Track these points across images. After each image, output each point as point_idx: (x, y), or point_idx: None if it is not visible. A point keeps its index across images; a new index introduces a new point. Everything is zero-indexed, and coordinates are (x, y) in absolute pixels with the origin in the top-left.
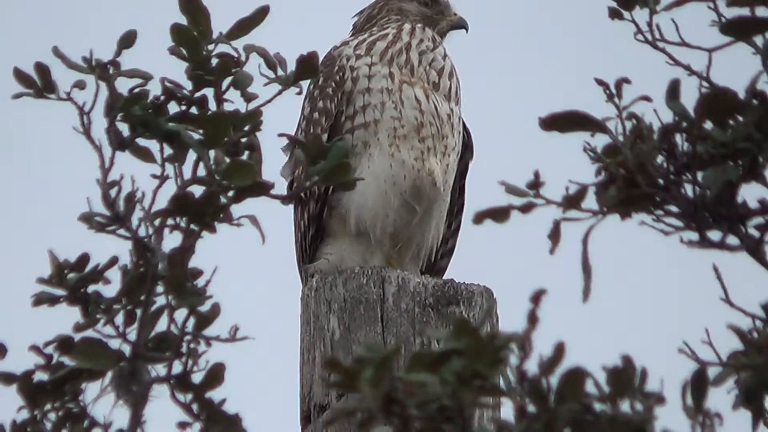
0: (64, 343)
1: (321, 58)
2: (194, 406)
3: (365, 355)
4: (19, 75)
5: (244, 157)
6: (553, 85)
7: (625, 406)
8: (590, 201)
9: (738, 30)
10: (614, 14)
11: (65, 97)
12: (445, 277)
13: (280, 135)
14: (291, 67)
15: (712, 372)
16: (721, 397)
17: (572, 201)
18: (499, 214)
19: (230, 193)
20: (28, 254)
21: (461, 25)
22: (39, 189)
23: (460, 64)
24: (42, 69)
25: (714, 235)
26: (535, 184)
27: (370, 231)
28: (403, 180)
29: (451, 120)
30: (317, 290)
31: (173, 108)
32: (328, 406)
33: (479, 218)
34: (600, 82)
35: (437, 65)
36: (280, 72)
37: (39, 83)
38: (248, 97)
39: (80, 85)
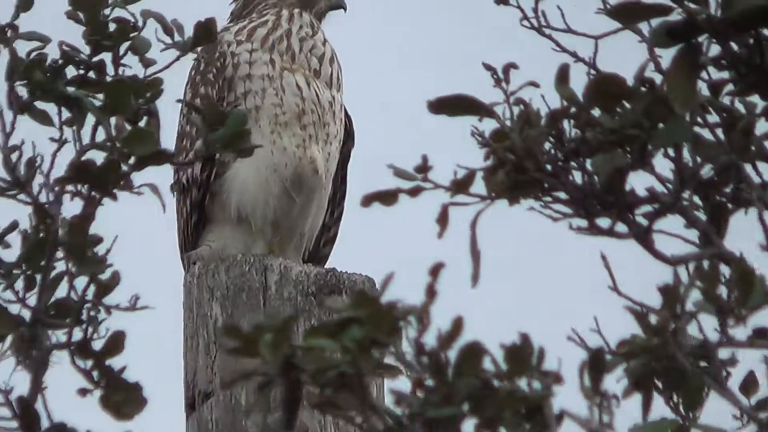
0: None
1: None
2: (94, 374)
3: (264, 321)
4: None
5: (143, 123)
6: (441, 69)
7: (522, 384)
8: (479, 186)
9: (625, 15)
10: (501, 0)
11: None
12: (327, 265)
13: (179, 101)
14: (189, 33)
15: None
16: (617, 378)
17: (460, 185)
18: (387, 197)
19: (131, 161)
20: None
21: (339, 4)
22: None
23: (343, 47)
24: None
25: (603, 222)
26: (423, 167)
27: (251, 218)
28: (284, 167)
29: (333, 107)
30: (199, 277)
31: (71, 72)
32: (212, 393)
33: (367, 201)
34: (488, 67)
35: (318, 52)
36: (177, 38)
37: None
38: (146, 63)
39: None
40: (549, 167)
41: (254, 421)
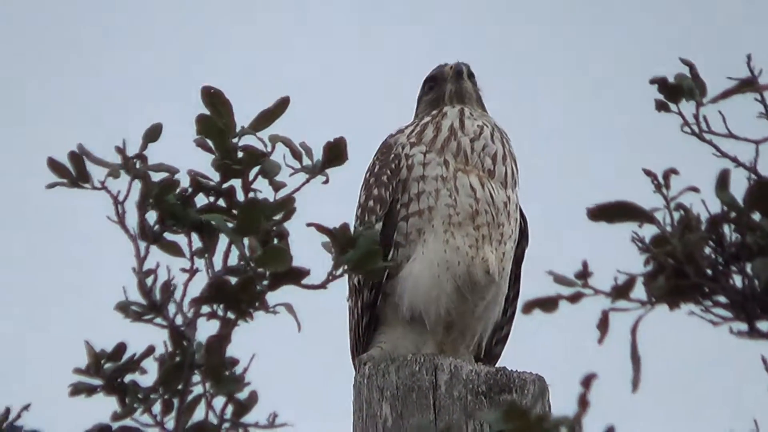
0: None
1: (345, 144)
2: None
3: None
4: (53, 165)
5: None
6: (601, 174)
7: None
8: (639, 291)
9: None
10: (661, 107)
11: (99, 187)
12: (498, 365)
13: (309, 225)
14: (318, 154)
15: None
16: None
17: (621, 291)
18: (548, 304)
19: (265, 281)
20: (65, 344)
21: (459, 70)
22: (75, 278)
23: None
24: (76, 158)
25: (763, 325)
26: (584, 274)
27: (424, 316)
28: (456, 265)
29: (507, 208)
30: (369, 377)
31: (200, 200)
32: None
33: (528, 308)
34: (648, 173)
35: (490, 151)
36: (306, 161)
37: (73, 172)
38: (276, 186)
39: (114, 174)
40: (709, 272)
41: None
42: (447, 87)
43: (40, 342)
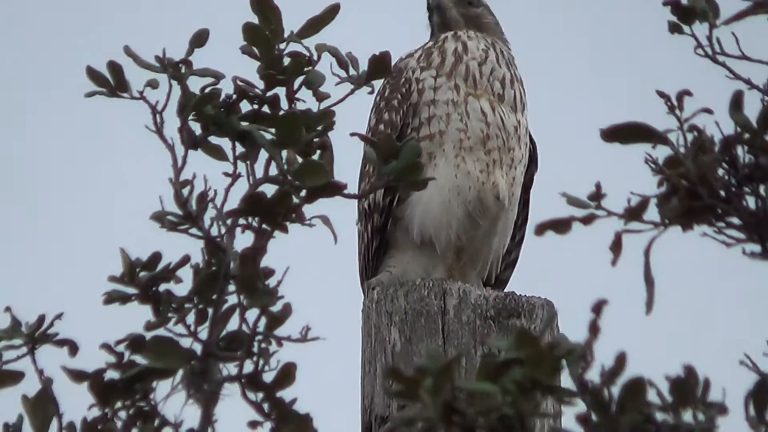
0: (136, 342)
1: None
2: (265, 406)
3: (426, 364)
4: (92, 74)
5: (316, 156)
6: (614, 96)
7: (687, 416)
8: (652, 213)
9: None
10: (674, 28)
11: (138, 96)
12: (507, 289)
13: (352, 134)
14: (363, 66)
15: None
16: None
17: (634, 213)
18: (561, 226)
19: (302, 193)
20: (100, 252)
21: (436, 5)
22: (111, 187)
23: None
24: (115, 68)
25: None
26: (597, 195)
27: (434, 240)
28: (467, 190)
29: (518, 132)
30: (378, 302)
31: (245, 107)
32: (389, 417)
33: (541, 229)
34: (661, 94)
35: (498, 75)
36: (351, 71)
37: (112, 82)
38: (320, 97)
39: (153, 84)
40: (723, 193)
41: None
42: (434, 19)
43: (75, 250)
